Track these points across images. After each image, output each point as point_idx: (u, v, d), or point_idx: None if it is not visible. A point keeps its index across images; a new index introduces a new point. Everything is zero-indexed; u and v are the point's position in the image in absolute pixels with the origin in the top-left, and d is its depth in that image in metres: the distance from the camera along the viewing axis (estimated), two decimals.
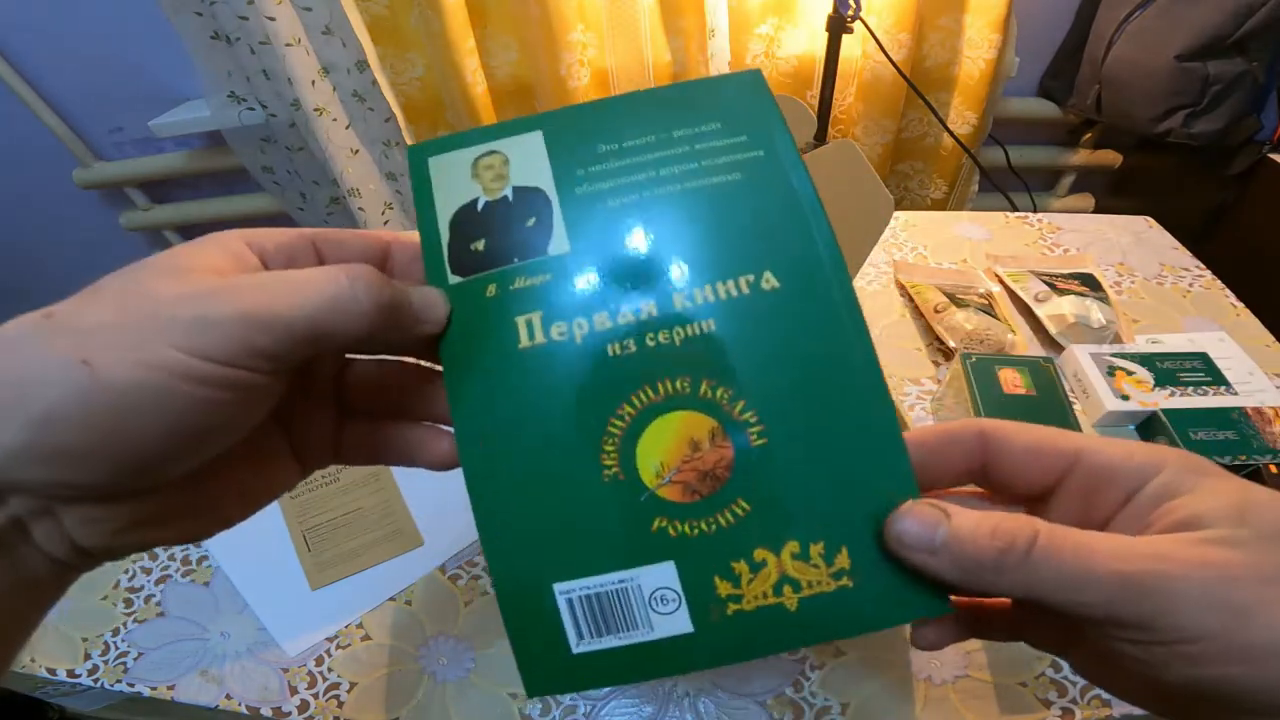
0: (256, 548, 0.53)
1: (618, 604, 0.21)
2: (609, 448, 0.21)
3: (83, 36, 1.08)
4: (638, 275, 0.22)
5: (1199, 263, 0.73)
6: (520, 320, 0.22)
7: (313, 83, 1.01)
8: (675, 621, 0.21)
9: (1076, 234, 0.78)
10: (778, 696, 0.44)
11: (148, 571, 0.53)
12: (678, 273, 0.22)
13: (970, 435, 0.21)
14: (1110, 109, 1.05)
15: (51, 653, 0.49)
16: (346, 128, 1.08)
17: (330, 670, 0.47)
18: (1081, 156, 1.24)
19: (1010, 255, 0.74)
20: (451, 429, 0.23)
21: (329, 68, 1.03)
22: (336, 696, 0.46)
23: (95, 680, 0.47)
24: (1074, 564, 0.17)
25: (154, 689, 0.47)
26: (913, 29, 1.01)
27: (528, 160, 0.24)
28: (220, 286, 0.18)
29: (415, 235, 0.24)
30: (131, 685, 0.47)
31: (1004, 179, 1.17)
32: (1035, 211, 0.83)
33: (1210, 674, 0.16)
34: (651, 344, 0.22)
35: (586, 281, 0.23)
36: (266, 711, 0.45)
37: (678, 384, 0.22)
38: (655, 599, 0.21)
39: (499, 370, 0.22)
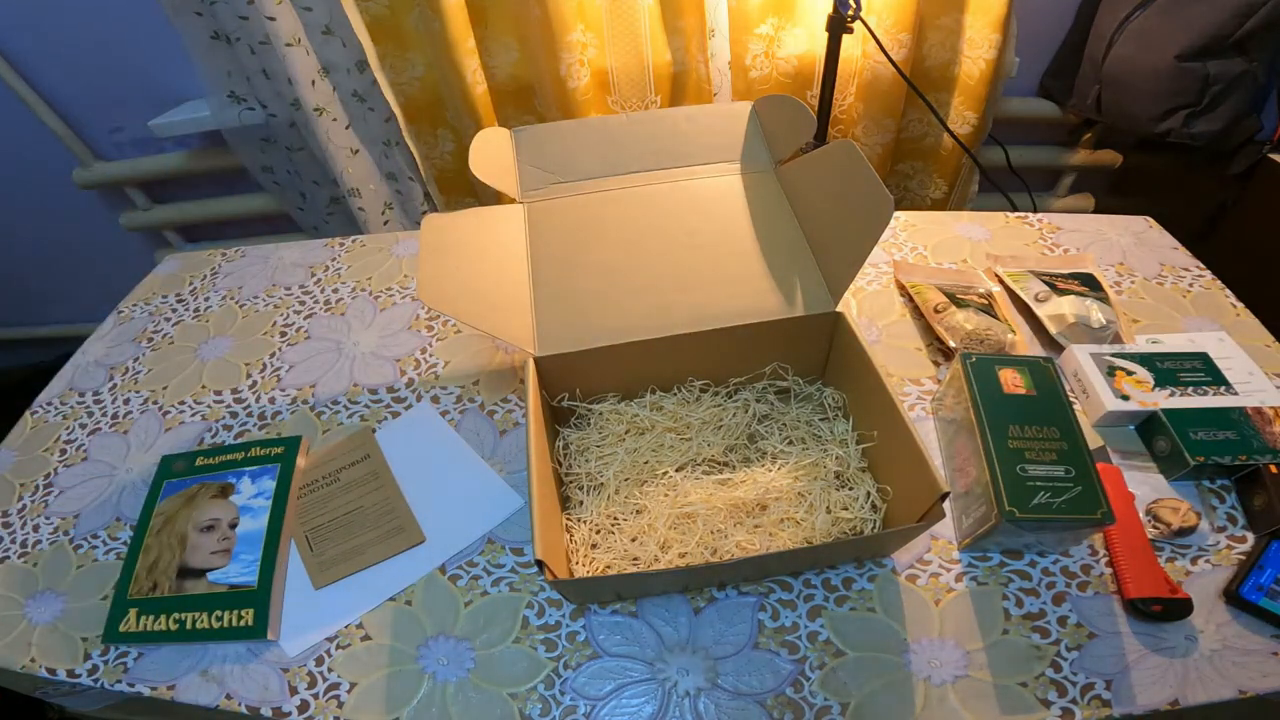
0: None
1: None
2: None
3: (83, 36, 1.08)
4: None
5: (1199, 263, 0.73)
6: None
7: (313, 83, 1.01)
8: None
9: (1076, 234, 0.78)
10: (778, 696, 0.44)
11: None
12: None
13: None
14: (1110, 109, 1.05)
15: (51, 653, 0.49)
16: (346, 128, 1.08)
17: (330, 670, 0.47)
18: (1081, 156, 1.24)
19: (1010, 255, 0.74)
20: None
21: (329, 68, 1.03)
22: (336, 696, 0.46)
23: (95, 680, 0.47)
24: None
25: (154, 689, 0.47)
26: (913, 29, 1.01)
27: None
28: None
29: None
30: (131, 685, 0.47)
31: (1004, 179, 1.17)
32: (1035, 211, 0.82)
33: None
34: None
35: None
36: (266, 711, 0.45)
37: None
38: None
39: None
